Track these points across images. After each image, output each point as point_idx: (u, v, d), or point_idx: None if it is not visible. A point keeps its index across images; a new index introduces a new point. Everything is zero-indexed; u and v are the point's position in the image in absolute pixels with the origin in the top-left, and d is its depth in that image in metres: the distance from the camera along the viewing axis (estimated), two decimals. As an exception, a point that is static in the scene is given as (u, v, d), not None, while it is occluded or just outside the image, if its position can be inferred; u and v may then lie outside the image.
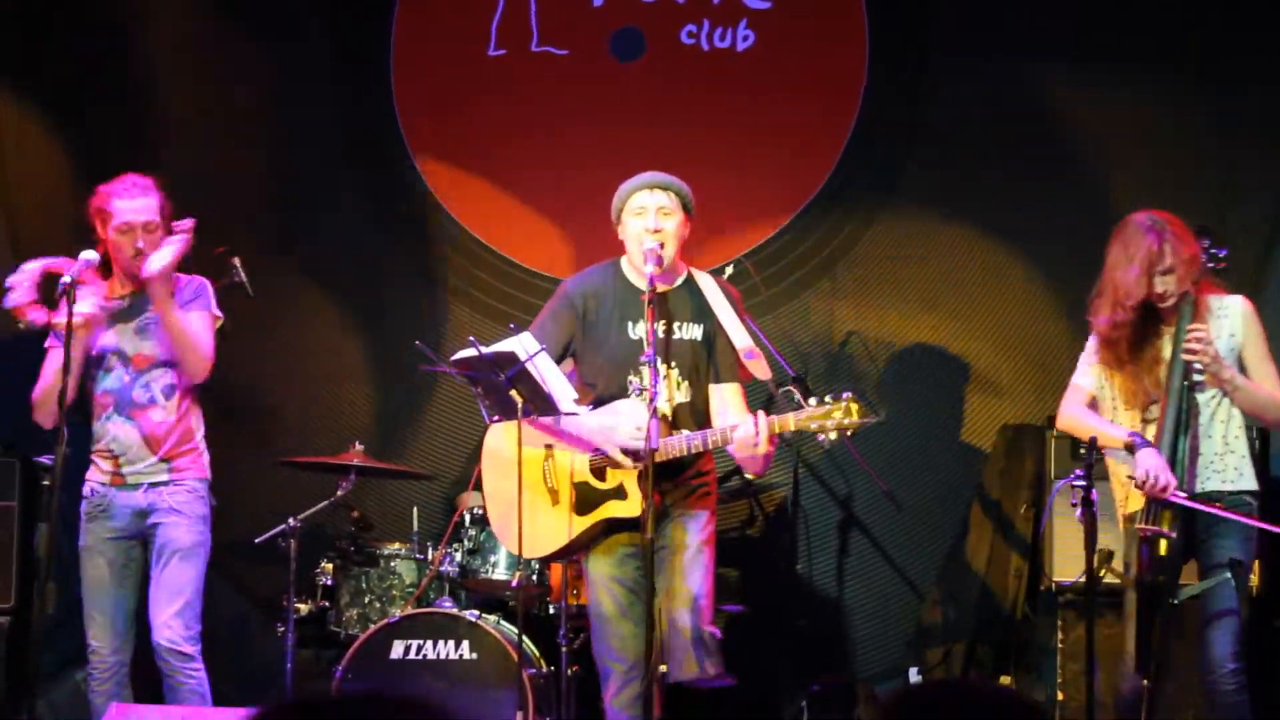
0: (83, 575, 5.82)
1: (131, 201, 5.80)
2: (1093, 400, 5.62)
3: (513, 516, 5.45)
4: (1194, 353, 5.34)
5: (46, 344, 5.89)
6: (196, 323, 5.85)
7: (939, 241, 7.63)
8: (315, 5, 8.02)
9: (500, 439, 5.64)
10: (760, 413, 5.22)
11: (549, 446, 5.53)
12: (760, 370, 5.40)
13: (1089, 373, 5.63)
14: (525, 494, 5.45)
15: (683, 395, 5.45)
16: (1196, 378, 5.40)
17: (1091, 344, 5.64)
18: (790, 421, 5.14)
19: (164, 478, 5.81)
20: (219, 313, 5.98)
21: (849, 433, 5.09)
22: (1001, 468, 7.29)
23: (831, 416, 5.09)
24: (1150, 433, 5.41)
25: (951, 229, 7.63)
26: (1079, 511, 5.26)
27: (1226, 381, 5.38)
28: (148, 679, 5.94)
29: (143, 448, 5.80)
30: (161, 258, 5.71)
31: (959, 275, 7.62)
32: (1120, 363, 5.48)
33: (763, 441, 5.14)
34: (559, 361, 5.59)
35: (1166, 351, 5.44)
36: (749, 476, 6.90)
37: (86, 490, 5.84)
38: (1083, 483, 5.23)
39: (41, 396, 5.77)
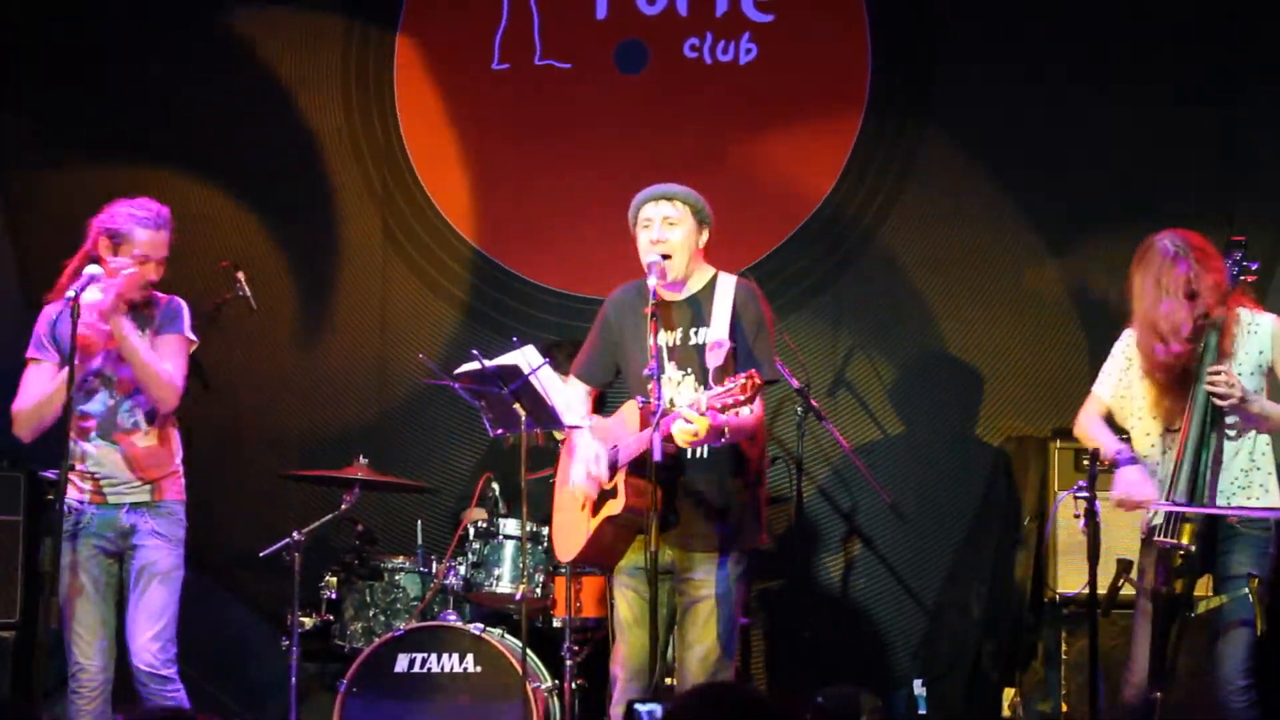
0: (65, 594, 5.71)
1: (154, 233, 5.72)
2: (1109, 411, 5.59)
3: (558, 524, 5.66)
4: (1220, 396, 5.28)
5: (28, 354, 5.79)
6: (166, 349, 5.76)
7: (942, 254, 7.64)
8: (318, 22, 8.02)
9: (564, 452, 5.69)
10: (696, 398, 5.18)
11: None
12: (713, 359, 5.35)
13: (1109, 382, 5.59)
14: (567, 502, 5.57)
15: None
16: (1224, 414, 5.36)
17: (1118, 353, 5.61)
18: (703, 400, 5.09)
19: (146, 499, 5.78)
20: (194, 337, 5.87)
21: (751, 406, 5.05)
22: (1005, 479, 7.29)
23: (731, 394, 5.04)
24: (1175, 444, 5.40)
25: (954, 241, 7.64)
26: (1082, 523, 5.25)
27: (1256, 416, 5.33)
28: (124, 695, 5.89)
29: (127, 471, 5.74)
30: (108, 294, 5.58)
31: (962, 287, 7.63)
32: (1171, 382, 5.42)
33: (700, 428, 5.09)
34: (614, 375, 5.64)
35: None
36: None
37: (64, 508, 5.66)
38: (1085, 494, 5.23)
39: (27, 409, 5.71)
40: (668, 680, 5.52)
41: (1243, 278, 5.45)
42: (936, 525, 7.54)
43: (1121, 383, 5.56)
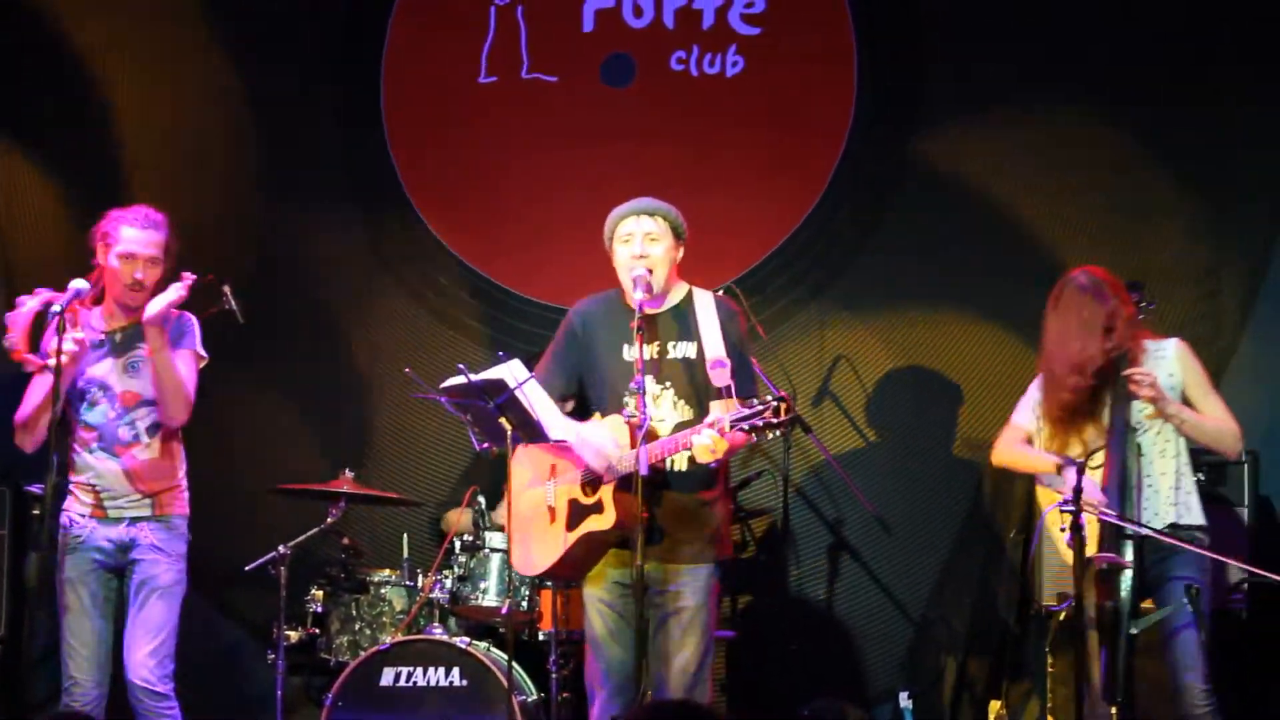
0: (63, 608, 5.74)
1: (140, 232, 5.74)
2: (1029, 438, 5.77)
3: (516, 536, 5.57)
4: (1138, 390, 5.45)
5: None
6: (181, 363, 5.80)
7: (927, 266, 7.64)
8: (306, 36, 8.04)
9: (516, 461, 5.67)
10: (717, 418, 5.19)
11: (554, 466, 5.54)
12: (719, 378, 5.37)
13: (1027, 413, 5.78)
14: (529, 513, 5.53)
15: (681, 415, 5.43)
16: (1140, 418, 5.52)
17: (1035, 390, 5.77)
18: (726, 421, 5.13)
19: (146, 513, 5.78)
20: (204, 353, 5.91)
21: (778, 431, 5.07)
22: (991, 492, 7.30)
23: (761, 416, 5.07)
24: (1097, 478, 5.50)
25: (941, 255, 7.64)
26: (1068, 537, 5.29)
27: (1172, 416, 5.51)
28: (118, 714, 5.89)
29: (126, 484, 5.75)
30: (159, 303, 5.66)
31: (947, 299, 7.62)
32: (1069, 418, 5.56)
33: (719, 447, 5.14)
34: (576, 388, 5.63)
35: (1108, 402, 5.55)
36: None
37: (64, 520, 5.73)
38: (1071, 508, 5.27)
39: (26, 420, 5.72)
40: (649, 695, 5.51)
41: (1143, 317, 5.70)
42: (922, 537, 7.54)
43: (1035, 414, 5.75)
